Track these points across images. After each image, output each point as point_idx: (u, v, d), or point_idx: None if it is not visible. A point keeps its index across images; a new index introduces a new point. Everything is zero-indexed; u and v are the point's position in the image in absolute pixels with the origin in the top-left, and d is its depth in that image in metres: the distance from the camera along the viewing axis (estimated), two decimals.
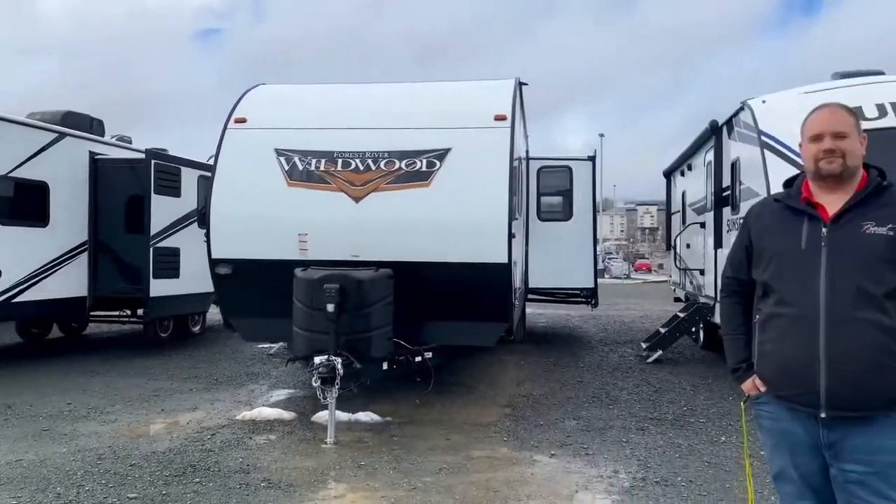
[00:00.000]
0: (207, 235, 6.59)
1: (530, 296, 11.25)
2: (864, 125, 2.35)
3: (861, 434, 2.13)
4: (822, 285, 2.15)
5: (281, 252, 6.38)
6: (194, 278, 9.98)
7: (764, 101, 7.45)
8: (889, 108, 6.63)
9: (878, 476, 2.10)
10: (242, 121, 6.88)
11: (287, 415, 6.23)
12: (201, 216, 9.84)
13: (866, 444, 2.12)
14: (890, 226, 2.12)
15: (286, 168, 6.52)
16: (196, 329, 11.76)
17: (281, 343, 7.70)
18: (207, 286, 7.29)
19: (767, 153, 6.84)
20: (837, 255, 2.15)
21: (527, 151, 10.36)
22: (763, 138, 6.96)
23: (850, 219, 2.18)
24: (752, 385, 2.38)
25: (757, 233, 2.39)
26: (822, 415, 2.16)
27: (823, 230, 2.20)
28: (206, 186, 8.19)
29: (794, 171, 2.48)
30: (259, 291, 6.43)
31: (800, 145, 2.36)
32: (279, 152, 6.59)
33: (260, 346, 10.03)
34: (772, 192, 6.40)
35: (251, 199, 6.57)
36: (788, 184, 2.43)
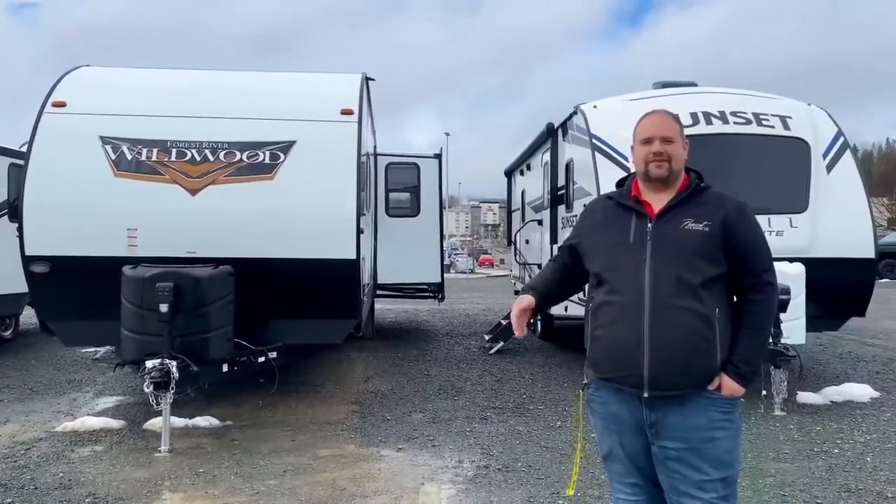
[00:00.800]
0: (20, 230, 5.94)
1: (378, 291, 11.26)
2: None
3: (678, 413, 2.32)
4: (647, 275, 2.33)
5: (106, 248, 5.89)
6: (4, 278, 8.97)
7: (595, 106, 7.95)
8: (701, 117, 7.33)
9: (692, 451, 2.31)
10: (62, 104, 6.26)
11: (115, 423, 5.79)
12: (13, 209, 8.86)
13: (682, 422, 2.32)
14: (705, 223, 2.34)
15: (113, 157, 6.03)
16: (7, 334, 10.58)
17: (108, 347, 7.13)
18: (21, 286, 6.56)
19: (598, 155, 7.32)
20: (660, 248, 2.35)
21: (374, 147, 10.34)
22: (594, 141, 7.43)
23: (672, 216, 2.38)
24: (527, 302, 2.56)
25: (591, 227, 2.57)
26: (645, 395, 2.33)
27: (649, 225, 2.39)
28: (18, 176, 7.38)
29: (622, 172, 2.68)
30: (81, 291, 5.90)
31: (631, 147, 2.53)
32: (105, 140, 6.08)
33: (84, 350, 9.24)
34: (601, 192, 6.91)
35: (71, 191, 6.00)
36: (621, 183, 2.60)
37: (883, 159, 58.19)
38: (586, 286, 2.62)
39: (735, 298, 2.42)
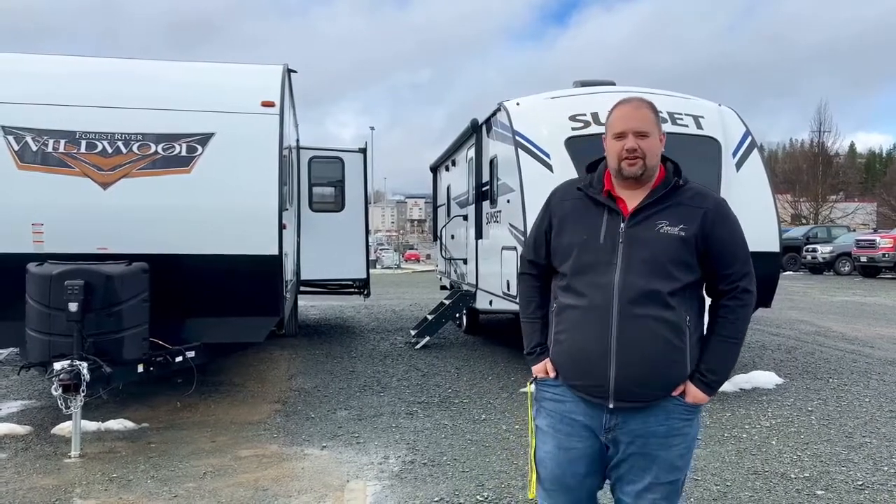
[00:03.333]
0: None
1: (302, 288, 11.09)
2: (599, 130, 2.60)
3: (639, 421, 2.24)
4: (616, 280, 2.18)
5: (9, 244, 5.57)
6: None
7: (518, 104, 8.05)
8: None
9: (645, 457, 2.24)
10: None
11: (21, 429, 5.49)
12: None
13: (642, 429, 2.24)
14: (681, 226, 2.19)
15: (16, 148, 5.69)
16: None
17: (11, 348, 6.74)
18: None
19: (521, 152, 7.42)
20: (632, 252, 2.19)
21: (297, 140, 10.16)
22: (517, 138, 7.53)
23: (646, 216, 2.22)
24: (543, 368, 2.38)
25: (558, 219, 2.35)
26: (610, 405, 2.23)
27: (622, 225, 2.23)
28: None
29: (544, 169, 2.69)
30: None
31: (603, 138, 2.35)
32: (7, 130, 5.73)
33: None
34: (525, 189, 7.03)
35: None
36: (591, 167, 2.40)
37: (787, 158, 61.51)
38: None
39: (709, 302, 2.32)
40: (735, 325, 2.27)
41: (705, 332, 2.31)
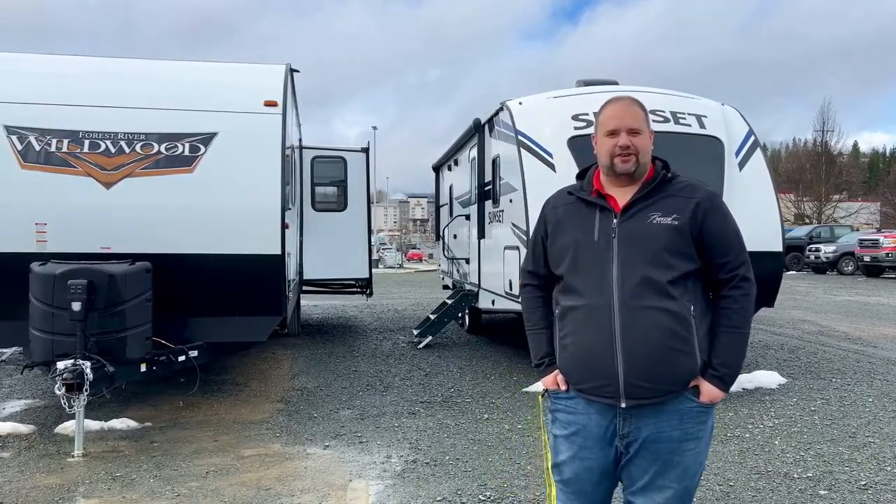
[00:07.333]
0: None
1: (305, 287, 11.10)
2: None
3: (652, 426, 2.20)
4: (615, 275, 2.17)
5: (12, 244, 5.58)
6: None
7: (520, 103, 8.04)
8: None
9: (661, 462, 2.21)
10: None
11: (24, 428, 5.51)
12: None
13: (656, 434, 2.20)
14: (674, 216, 2.18)
15: (19, 148, 5.70)
16: None
17: (15, 348, 6.76)
18: None
19: (523, 151, 7.41)
20: (627, 246, 2.18)
21: (300, 140, 10.17)
22: (519, 137, 7.52)
23: (638, 209, 2.22)
24: (553, 380, 2.34)
25: (553, 225, 2.36)
26: (623, 405, 2.18)
27: (614, 221, 2.22)
28: None
29: (546, 168, 2.70)
30: None
31: (593, 138, 2.35)
32: (10, 129, 5.74)
33: None
34: (527, 188, 7.03)
35: None
36: (581, 175, 2.41)
37: (790, 157, 61.43)
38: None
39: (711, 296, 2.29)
40: (739, 315, 2.23)
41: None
